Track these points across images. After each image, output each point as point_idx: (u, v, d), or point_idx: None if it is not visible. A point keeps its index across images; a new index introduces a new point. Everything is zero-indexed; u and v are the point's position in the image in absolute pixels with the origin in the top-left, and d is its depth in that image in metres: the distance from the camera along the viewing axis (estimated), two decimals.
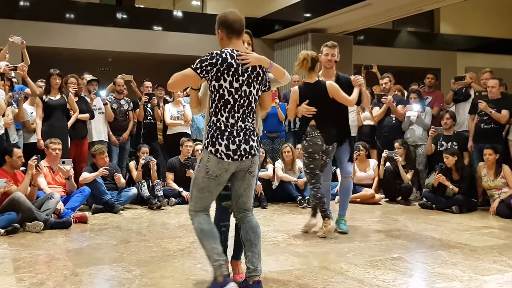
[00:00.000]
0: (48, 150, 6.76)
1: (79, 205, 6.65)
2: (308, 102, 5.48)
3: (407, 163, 8.16)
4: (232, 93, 3.42)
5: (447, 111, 8.41)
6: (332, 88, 5.49)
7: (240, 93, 3.44)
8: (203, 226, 3.55)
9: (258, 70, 3.52)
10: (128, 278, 3.98)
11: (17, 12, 12.30)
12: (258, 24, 14.39)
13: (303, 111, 5.52)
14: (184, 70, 3.50)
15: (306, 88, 5.60)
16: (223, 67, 3.40)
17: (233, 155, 3.40)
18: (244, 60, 3.44)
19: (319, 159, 5.54)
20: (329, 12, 11.95)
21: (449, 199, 7.25)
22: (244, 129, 3.48)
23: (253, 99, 3.51)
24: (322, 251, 4.89)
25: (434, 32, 17.59)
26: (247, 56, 3.46)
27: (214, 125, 3.45)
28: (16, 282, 3.89)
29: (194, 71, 3.45)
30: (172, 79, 3.53)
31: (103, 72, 13.42)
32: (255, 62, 3.49)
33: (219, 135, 3.41)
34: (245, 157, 3.45)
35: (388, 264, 4.38)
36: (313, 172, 5.55)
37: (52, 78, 7.34)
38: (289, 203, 7.87)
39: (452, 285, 3.83)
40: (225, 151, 3.39)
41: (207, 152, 3.43)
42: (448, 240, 5.35)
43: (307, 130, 5.54)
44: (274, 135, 9.24)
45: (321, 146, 5.49)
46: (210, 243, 3.50)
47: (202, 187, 3.52)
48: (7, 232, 5.57)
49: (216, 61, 3.40)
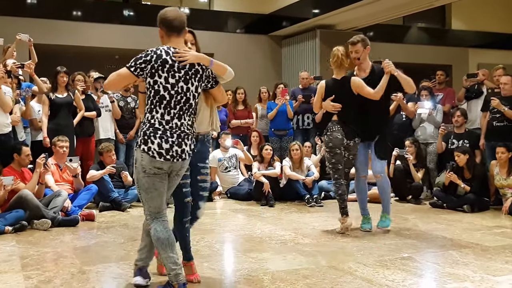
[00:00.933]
0: (55, 148, 6.75)
1: (86, 202, 6.66)
2: (333, 98, 5.54)
3: (418, 161, 8.07)
4: (168, 88, 3.40)
5: (458, 108, 8.31)
6: (355, 84, 5.53)
7: (177, 89, 3.42)
8: (159, 235, 3.46)
9: (196, 67, 3.51)
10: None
11: (24, 10, 12.32)
12: (266, 21, 14.35)
13: (328, 107, 5.59)
14: (119, 69, 3.49)
15: (332, 84, 5.64)
16: (157, 63, 3.39)
17: (166, 155, 3.38)
18: (181, 58, 3.43)
19: (340, 154, 5.55)
20: (338, 8, 11.88)
21: (461, 198, 7.17)
22: (179, 130, 3.44)
23: (191, 95, 3.48)
24: (331, 251, 4.84)
25: (445, 28, 17.44)
26: (184, 54, 3.45)
27: (148, 122, 3.42)
28: (23, 280, 3.90)
29: (128, 70, 3.44)
30: (107, 79, 3.56)
31: (110, 69, 13.38)
32: (193, 60, 3.48)
33: (152, 133, 3.38)
34: (176, 159, 3.42)
35: (397, 264, 4.32)
36: (335, 167, 5.57)
37: (59, 76, 7.33)
38: (297, 201, 7.83)
39: (463, 286, 3.77)
40: (158, 150, 3.36)
41: (140, 150, 3.39)
42: (459, 240, 5.28)
43: (328, 125, 5.60)
44: (282, 133, 9.20)
45: (342, 141, 5.51)
46: (166, 251, 3.43)
47: (147, 187, 3.45)
48: (15, 229, 5.58)
49: (151, 58, 3.40)
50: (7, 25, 10.39)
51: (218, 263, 4.44)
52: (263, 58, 14.42)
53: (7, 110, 6.35)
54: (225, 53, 13.92)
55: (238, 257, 4.67)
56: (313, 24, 13.16)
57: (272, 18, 14.19)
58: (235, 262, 4.53)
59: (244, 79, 11.89)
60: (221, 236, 5.59)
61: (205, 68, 3.55)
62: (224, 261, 4.60)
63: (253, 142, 8.88)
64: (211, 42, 13.94)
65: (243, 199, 8.02)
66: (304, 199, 7.64)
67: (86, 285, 3.79)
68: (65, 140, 6.76)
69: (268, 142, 8.90)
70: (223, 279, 4.00)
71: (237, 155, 8.47)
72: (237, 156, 8.48)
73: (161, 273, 3.96)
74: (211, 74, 3.63)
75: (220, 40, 13.91)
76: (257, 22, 14.43)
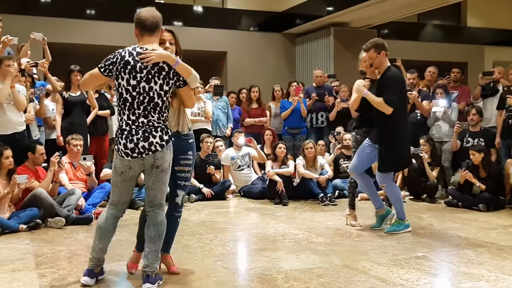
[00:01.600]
0: (69, 146, 6.78)
1: (100, 201, 6.67)
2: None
3: (433, 160, 8.00)
4: (129, 90, 3.52)
5: (473, 106, 8.21)
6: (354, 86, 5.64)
7: (139, 90, 3.52)
8: (100, 222, 3.74)
9: (161, 65, 3.54)
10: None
11: (38, 9, 12.43)
12: (279, 19, 14.33)
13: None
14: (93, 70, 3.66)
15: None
16: (120, 65, 3.52)
17: (131, 153, 3.55)
18: (146, 58, 3.49)
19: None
20: (352, 6, 11.83)
21: (476, 197, 7.10)
22: (146, 125, 3.54)
23: (155, 95, 3.54)
24: (345, 249, 4.81)
25: (460, 25, 17.30)
26: (149, 54, 3.50)
27: (119, 124, 3.62)
28: (38, 278, 3.92)
29: (98, 70, 3.61)
30: (82, 79, 3.80)
31: None
32: (157, 59, 3.52)
33: (120, 134, 3.60)
34: (145, 154, 3.55)
35: (412, 263, 4.28)
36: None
37: (72, 74, 7.35)
38: (310, 200, 7.80)
39: (478, 285, 3.73)
40: (124, 150, 3.57)
41: (115, 149, 3.66)
42: (475, 239, 5.23)
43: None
44: (295, 131, 9.19)
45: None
46: (96, 238, 3.73)
47: (112, 181, 3.76)
48: (29, 228, 5.62)
49: (116, 60, 3.55)
50: (21, 24, 10.46)
51: (232, 262, 4.43)
52: (276, 56, 14.40)
53: (22, 109, 6.38)
54: (239, 51, 13.96)
55: (251, 256, 4.66)
56: (327, 21, 13.12)
57: (285, 16, 14.16)
58: (249, 261, 4.52)
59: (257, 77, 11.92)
60: (234, 234, 5.58)
61: (171, 67, 3.57)
62: (237, 260, 4.59)
63: (266, 141, 8.87)
64: (225, 40, 13.97)
65: (257, 197, 8.01)
66: (317, 197, 7.61)
67: (100, 283, 3.80)
68: (79, 139, 6.79)
69: (282, 140, 8.88)
70: (237, 278, 3.98)
71: (250, 153, 8.46)
72: (250, 155, 8.47)
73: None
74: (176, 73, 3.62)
75: (234, 39, 13.91)
76: (270, 20, 14.41)
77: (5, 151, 5.75)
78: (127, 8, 13.21)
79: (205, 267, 4.19)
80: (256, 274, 4.02)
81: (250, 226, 6.00)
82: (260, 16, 14.47)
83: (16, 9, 11.92)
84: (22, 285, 3.78)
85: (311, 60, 13.90)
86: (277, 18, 14.35)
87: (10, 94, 6.15)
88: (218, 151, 8.37)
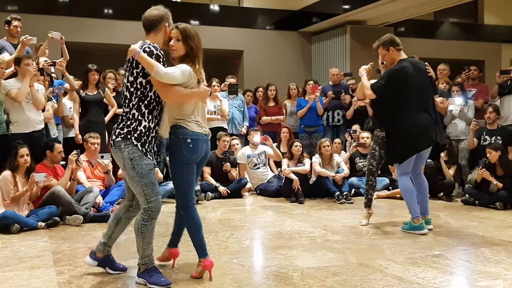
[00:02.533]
0: (87, 144, 6.85)
1: (117, 198, 6.72)
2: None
3: (450, 158, 7.93)
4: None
5: (490, 104, 8.13)
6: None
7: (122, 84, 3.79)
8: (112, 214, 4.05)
9: (129, 58, 3.63)
10: (165, 272, 3.99)
11: (56, 8, 12.55)
12: (296, 17, 14.31)
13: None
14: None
15: None
16: None
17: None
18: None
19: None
20: (369, 4, 11.78)
21: (493, 195, 7.04)
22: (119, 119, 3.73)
23: (125, 87, 3.69)
24: (361, 248, 4.80)
25: (477, 22, 17.13)
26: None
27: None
28: (56, 275, 3.96)
29: None
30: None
31: None
32: (128, 55, 3.61)
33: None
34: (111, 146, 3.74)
35: (428, 262, 4.27)
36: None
37: (90, 73, 7.41)
38: (326, 198, 7.78)
39: (495, 284, 3.71)
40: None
41: None
42: (491, 237, 5.19)
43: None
44: (311, 130, 9.18)
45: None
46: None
47: None
48: (48, 225, 5.69)
49: None
50: (39, 23, 10.58)
51: (248, 260, 4.45)
52: (293, 55, 14.39)
53: (40, 108, 6.46)
54: (255, 50, 13.98)
55: (267, 254, 4.67)
56: (344, 20, 13.08)
57: (302, 14, 14.14)
58: (265, 259, 4.53)
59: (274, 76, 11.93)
60: (251, 232, 5.59)
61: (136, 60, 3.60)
62: (253, 258, 4.60)
63: (282, 139, 8.87)
64: (241, 39, 13.99)
65: (273, 195, 8.02)
66: (334, 196, 7.60)
67: (117, 280, 3.85)
68: (96, 137, 6.85)
69: (298, 138, 8.88)
70: (253, 276, 4.00)
71: (266, 152, 8.47)
72: (266, 153, 8.48)
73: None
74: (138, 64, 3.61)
75: (250, 37, 13.93)
76: (287, 18, 14.40)
77: (20, 150, 5.80)
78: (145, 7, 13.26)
79: (221, 264, 4.21)
80: (272, 272, 4.03)
81: (266, 224, 6.01)
82: (276, 15, 14.46)
83: (35, 9, 12.07)
84: (40, 282, 3.83)
85: (328, 58, 13.86)
86: (294, 17, 14.34)
87: (29, 93, 6.22)
88: (234, 150, 8.39)
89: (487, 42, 16.30)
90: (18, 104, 6.15)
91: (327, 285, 3.69)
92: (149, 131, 3.66)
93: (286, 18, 14.41)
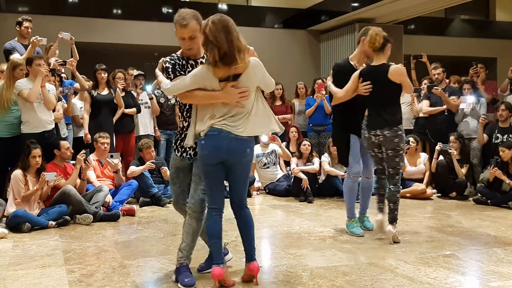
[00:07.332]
0: (97, 144, 6.87)
1: (127, 198, 6.75)
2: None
3: (462, 157, 7.85)
4: None
5: (503, 102, 8.04)
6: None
7: None
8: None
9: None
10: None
11: (66, 9, 12.61)
12: (304, 15, 14.27)
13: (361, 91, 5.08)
14: None
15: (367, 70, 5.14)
16: None
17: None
18: None
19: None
20: (378, 1, 11.69)
21: (505, 194, 6.97)
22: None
23: None
24: (371, 247, 4.77)
25: (489, 19, 16.99)
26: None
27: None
28: (66, 274, 3.98)
29: None
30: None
31: (149, 66, 13.59)
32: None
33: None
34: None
35: (439, 262, 4.23)
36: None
37: (97, 73, 7.45)
38: (336, 197, 7.74)
39: (508, 284, 3.67)
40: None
41: None
42: (504, 237, 5.14)
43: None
44: (320, 129, 9.14)
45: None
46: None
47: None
48: (58, 224, 5.71)
49: None
50: (49, 24, 10.63)
51: (257, 259, 4.42)
52: (301, 53, 14.35)
53: (51, 108, 6.47)
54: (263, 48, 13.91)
55: (276, 253, 4.66)
56: (352, 18, 13.01)
57: (310, 13, 14.09)
58: (274, 258, 4.51)
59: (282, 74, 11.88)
60: (260, 232, 5.58)
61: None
62: (262, 257, 4.58)
63: (291, 138, 8.84)
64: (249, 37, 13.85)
65: (282, 195, 7.99)
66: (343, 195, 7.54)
67: (127, 278, 3.85)
68: (106, 137, 6.87)
69: (307, 137, 8.85)
70: (262, 275, 3.97)
71: (276, 151, 8.45)
72: (277, 152, 8.45)
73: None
74: None
75: (258, 36, 13.89)
76: (295, 17, 14.36)
77: (33, 151, 5.82)
78: (154, 7, 13.33)
79: (230, 263, 4.20)
80: (281, 271, 4.02)
81: (275, 224, 6.00)
82: (284, 13, 14.43)
83: (45, 10, 12.12)
84: (51, 280, 3.84)
85: (336, 56, 13.79)
86: (302, 15, 14.29)
87: (40, 93, 6.24)
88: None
89: (499, 39, 16.15)
90: (29, 105, 6.17)
91: (336, 285, 3.66)
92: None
93: (294, 16, 14.36)
